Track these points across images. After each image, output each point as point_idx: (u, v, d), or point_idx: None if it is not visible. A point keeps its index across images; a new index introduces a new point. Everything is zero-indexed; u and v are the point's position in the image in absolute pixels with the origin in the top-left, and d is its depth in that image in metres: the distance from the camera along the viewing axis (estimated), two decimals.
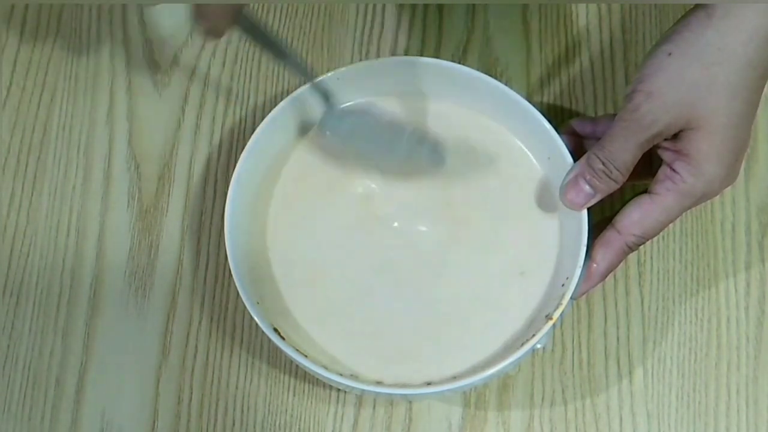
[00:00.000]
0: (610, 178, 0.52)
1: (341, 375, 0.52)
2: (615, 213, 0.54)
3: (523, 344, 0.52)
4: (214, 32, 0.50)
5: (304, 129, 0.60)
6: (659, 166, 0.53)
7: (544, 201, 0.58)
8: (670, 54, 0.50)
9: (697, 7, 0.51)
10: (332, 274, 0.57)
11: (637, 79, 0.51)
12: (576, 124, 0.58)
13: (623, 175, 0.52)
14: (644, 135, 0.51)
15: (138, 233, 0.62)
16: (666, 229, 0.59)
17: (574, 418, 0.58)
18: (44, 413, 0.59)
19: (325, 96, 0.57)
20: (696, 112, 0.50)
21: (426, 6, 0.67)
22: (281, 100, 0.58)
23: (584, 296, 0.56)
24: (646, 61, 0.51)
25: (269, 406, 0.59)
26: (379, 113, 0.59)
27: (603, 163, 0.52)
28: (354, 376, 0.54)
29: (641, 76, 0.51)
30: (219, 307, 0.60)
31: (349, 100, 0.60)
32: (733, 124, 0.50)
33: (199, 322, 0.60)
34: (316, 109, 0.58)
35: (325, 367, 0.53)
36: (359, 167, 0.59)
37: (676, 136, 0.51)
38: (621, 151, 0.52)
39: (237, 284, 0.53)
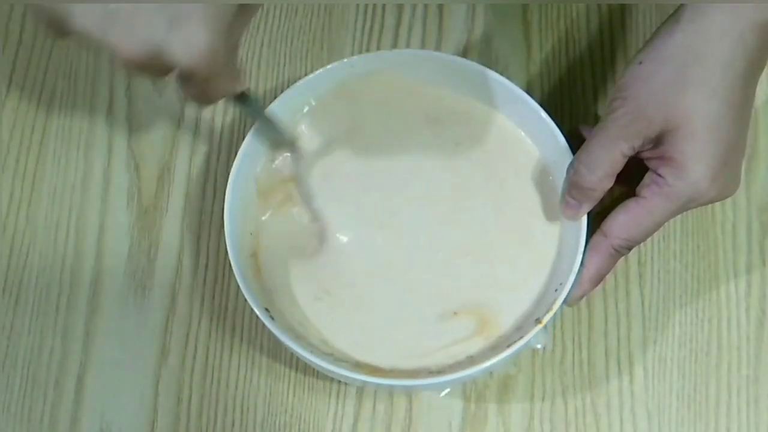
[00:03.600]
0: (584, 185, 0.52)
1: (341, 366, 0.53)
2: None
3: (509, 345, 0.52)
4: (203, 100, 0.49)
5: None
6: None
7: (546, 205, 0.58)
8: (641, 62, 0.51)
9: (667, 18, 0.51)
10: (332, 269, 0.57)
11: (615, 89, 0.52)
12: (584, 130, 0.58)
13: (599, 178, 0.52)
14: (622, 136, 0.51)
15: (137, 233, 0.62)
16: (666, 229, 0.60)
17: (574, 418, 0.58)
18: (44, 413, 0.59)
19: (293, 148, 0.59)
20: (672, 111, 0.50)
21: (426, 6, 0.67)
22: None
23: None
24: (623, 74, 0.52)
25: (269, 406, 0.59)
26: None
27: (575, 170, 0.53)
28: (356, 364, 0.54)
29: (618, 86, 0.52)
30: (219, 307, 0.60)
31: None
32: (714, 124, 0.50)
33: (199, 322, 0.60)
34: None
35: (327, 360, 0.53)
36: (360, 161, 0.59)
37: (658, 143, 0.51)
38: (597, 153, 0.52)
39: (239, 282, 0.53)
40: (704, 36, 0.50)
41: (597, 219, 0.55)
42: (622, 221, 0.52)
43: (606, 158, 0.52)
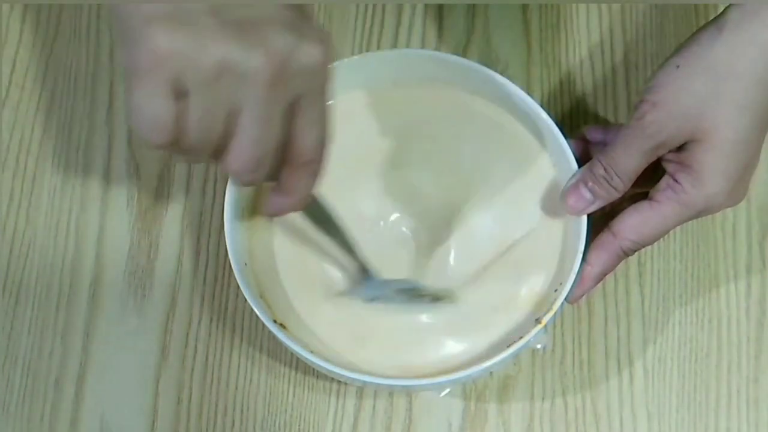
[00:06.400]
0: (610, 185, 0.52)
1: (341, 366, 0.52)
2: (614, 216, 0.54)
3: (509, 345, 0.52)
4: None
5: None
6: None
7: (550, 204, 0.58)
8: (678, 66, 0.51)
9: (708, 23, 0.51)
10: (334, 269, 0.57)
11: (646, 90, 0.51)
12: (588, 131, 0.58)
13: (624, 183, 0.52)
14: (648, 144, 0.51)
15: (137, 233, 0.62)
16: None
17: (574, 418, 0.58)
18: (43, 414, 0.59)
19: (364, 269, 0.56)
20: (701, 124, 0.50)
21: (426, 6, 0.67)
22: None
23: (584, 296, 0.56)
24: (655, 74, 0.51)
25: (269, 406, 0.59)
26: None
27: (605, 169, 0.52)
28: (352, 365, 0.54)
29: (649, 88, 0.51)
30: (219, 307, 0.60)
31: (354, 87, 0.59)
32: (740, 139, 0.50)
33: (199, 322, 0.60)
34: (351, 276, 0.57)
35: (328, 360, 0.53)
36: (356, 163, 0.59)
37: (680, 148, 0.51)
38: (624, 159, 0.52)
39: (239, 282, 0.53)
40: (744, 51, 0.49)
41: (602, 218, 0.55)
42: (633, 223, 0.52)
43: (631, 163, 0.52)
